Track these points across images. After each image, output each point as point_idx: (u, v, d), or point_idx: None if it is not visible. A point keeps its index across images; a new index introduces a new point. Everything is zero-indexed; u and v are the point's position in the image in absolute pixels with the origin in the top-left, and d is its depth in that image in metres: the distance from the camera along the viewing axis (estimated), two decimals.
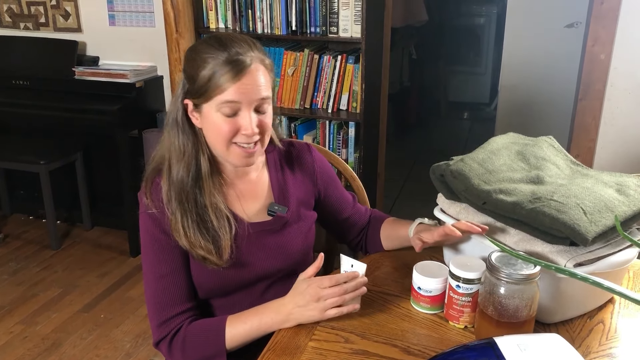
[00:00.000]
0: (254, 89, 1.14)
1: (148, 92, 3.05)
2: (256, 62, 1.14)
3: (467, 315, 1.14)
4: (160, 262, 1.21)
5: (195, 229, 1.18)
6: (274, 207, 1.29)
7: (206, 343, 1.18)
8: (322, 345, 1.11)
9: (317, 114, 2.77)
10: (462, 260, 1.14)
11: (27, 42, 3.19)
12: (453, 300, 1.14)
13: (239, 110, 1.14)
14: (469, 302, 1.12)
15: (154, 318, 1.22)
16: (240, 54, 1.13)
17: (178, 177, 1.19)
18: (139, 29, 3.10)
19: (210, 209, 1.20)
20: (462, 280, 1.11)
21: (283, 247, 1.29)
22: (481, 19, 5.60)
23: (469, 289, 1.11)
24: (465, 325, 1.15)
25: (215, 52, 1.13)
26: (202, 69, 1.13)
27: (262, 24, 2.80)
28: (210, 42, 1.16)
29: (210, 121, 1.16)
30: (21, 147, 3.22)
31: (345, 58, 2.70)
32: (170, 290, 1.21)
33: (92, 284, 2.88)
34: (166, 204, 1.19)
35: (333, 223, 1.45)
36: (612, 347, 1.09)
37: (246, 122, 1.14)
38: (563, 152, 1.39)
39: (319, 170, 1.38)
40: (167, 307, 1.21)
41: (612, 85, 2.45)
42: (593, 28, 2.42)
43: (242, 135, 1.16)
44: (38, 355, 2.36)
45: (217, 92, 1.13)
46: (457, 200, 1.27)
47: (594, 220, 1.08)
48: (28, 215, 3.58)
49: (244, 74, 1.12)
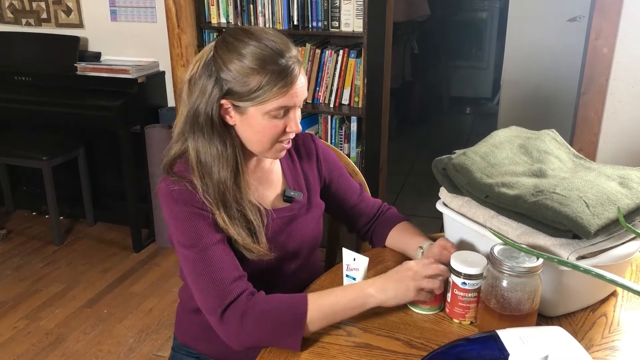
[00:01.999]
0: (303, 92, 1.17)
1: (150, 88, 3.05)
2: (298, 64, 1.16)
3: (473, 310, 1.13)
4: (203, 233, 1.14)
5: (238, 225, 1.17)
6: (290, 192, 1.30)
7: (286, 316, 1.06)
8: (324, 338, 1.11)
9: (319, 109, 2.77)
10: (463, 257, 1.14)
11: (28, 38, 3.18)
12: (458, 298, 1.13)
13: (288, 112, 1.17)
14: (474, 298, 1.12)
15: (211, 288, 1.10)
16: (287, 59, 1.13)
17: (220, 178, 1.16)
18: (140, 25, 3.10)
19: (247, 203, 1.20)
20: (464, 276, 1.10)
21: (300, 230, 1.31)
22: (483, 14, 5.58)
23: (474, 285, 1.11)
24: (472, 321, 1.14)
25: (263, 56, 1.11)
26: (253, 74, 1.11)
27: (264, 18, 2.79)
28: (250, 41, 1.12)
29: (257, 123, 1.16)
30: (23, 143, 3.22)
31: (347, 52, 2.69)
32: (221, 258, 1.13)
33: (95, 280, 2.89)
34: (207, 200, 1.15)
35: (340, 210, 1.46)
36: (615, 340, 1.09)
37: (294, 122, 1.18)
38: (566, 146, 1.38)
39: (323, 158, 1.40)
40: (224, 273, 1.11)
41: (615, 79, 2.44)
42: (596, 21, 2.41)
43: (288, 134, 1.19)
44: (42, 350, 2.37)
45: (270, 100, 1.13)
46: (460, 194, 1.26)
47: (597, 213, 1.08)
48: (31, 211, 3.59)
49: (299, 76, 1.15)
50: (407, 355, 1.06)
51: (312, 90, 2.79)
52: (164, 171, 1.22)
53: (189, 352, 1.37)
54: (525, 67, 3.86)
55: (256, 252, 1.19)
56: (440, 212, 1.31)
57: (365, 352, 1.07)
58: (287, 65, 1.12)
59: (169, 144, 1.25)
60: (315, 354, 1.07)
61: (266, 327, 1.07)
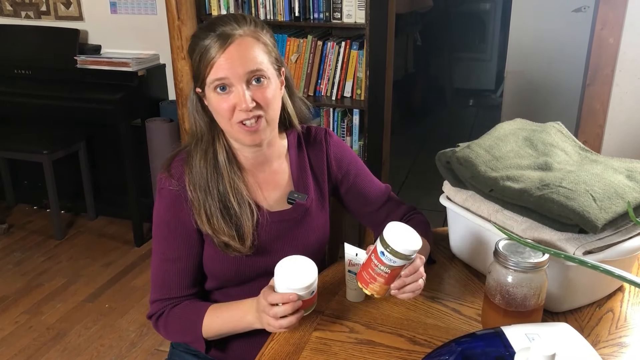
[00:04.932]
0: (242, 61, 1.11)
1: (150, 81, 3.03)
2: (245, 36, 1.12)
3: (378, 285, 1.06)
4: (169, 246, 1.21)
5: (218, 215, 1.17)
6: (294, 195, 1.26)
7: (185, 329, 1.21)
8: (326, 335, 1.09)
9: (321, 102, 2.75)
10: (400, 231, 1.05)
11: (28, 31, 3.16)
12: (371, 265, 1.05)
13: (232, 87, 1.12)
14: (385, 274, 1.04)
15: (151, 293, 1.24)
16: (225, 29, 1.12)
17: (198, 162, 1.19)
18: (140, 17, 3.08)
19: (232, 195, 1.18)
20: (390, 250, 1.02)
21: (301, 237, 1.27)
22: (487, 4, 5.54)
23: (392, 262, 1.03)
24: (373, 293, 1.07)
25: (204, 34, 1.13)
26: (193, 52, 1.15)
27: (265, 10, 2.76)
28: (200, 26, 1.18)
29: (211, 103, 1.16)
30: (24, 137, 3.21)
31: (349, 44, 2.66)
32: (172, 275, 1.21)
33: (96, 274, 2.88)
34: (188, 190, 1.18)
35: (358, 214, 1.38)
36: (622, 336, 1.07)
37: (238, 96, 1.12)
38: (571, 138, 1.36)
39: (334, 156, 1.32)
40: (164, 288, 1.22)
41: (620, 70, 2.41)
42: (602, 11, 2.38)
43: (240, 112, 1.13)
44: (43, 345, 2.37)
45: (207, 72, 1.12)
46: (464, 187, 1.24)
47: (604, 207, 1.06)
48: (32, 206, 3.58)
49: (227, 47, 1.10)
50: (411, 352, 1.04)
51: (313, 82, 2.77)
52: (163, 165, 1.23)
53: (187, 350, 1.36)
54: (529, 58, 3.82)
55: (234, 248, 1.18)
56: (444, 206, 1.29)
57: (368, 349, 1.05)
58: (222, 33, 1.11)
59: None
60: (317, 350, 1.05)
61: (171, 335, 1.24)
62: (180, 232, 1.20)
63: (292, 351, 1.06)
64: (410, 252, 1.02)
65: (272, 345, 1.08)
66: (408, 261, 1.04)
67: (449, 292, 1.22)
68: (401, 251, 1.02)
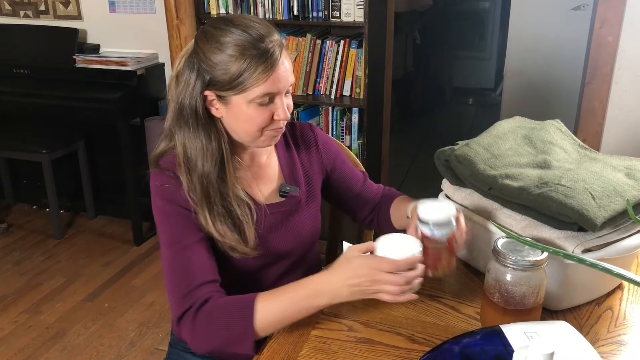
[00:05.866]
0: (287, 76, 1.13)
1: (149, 80, 3.03)
2: (280, 48, 1.12)
3: (445, 260, 1.09)
4: (181, 233, 1.14)
5: (222, 221, 1.15)
6: (285, 187, 1.28)
7: (233, 320, 1.05)
8: (325, 333, 1.09)
9: (320, 100, 2.74)
10: (430, 205, 1.09)
11: (27, 30, 3.16)
12: (429, 249, 1.07)
13: (274, 98, 1.13)
14: (444, 245, 1.07)
15: (175, 290, 1.11)
16: (267, 43, 1.09)
17: (204, 171, 1.14)
18: (139, 16, 3.07)
19: (233, 199, 1.18)
20: (433, 224, 1.06)
21: (296, 228, 1.28)
22: (486, 3, 5.54)
23: (443, 234, 1.06)
24: (445, 272, 1.10)
25: (242, 42, 1.08)
26: (232, 62, 1.08)
27: (264, 8, 2.76)
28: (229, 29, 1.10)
29: (242, 112, 1.13)
30: (23, 136, 3.20)
31: (348, 43, 2.66)
32: (196, 260, 1.12)
33: (95, 273, 2.88)
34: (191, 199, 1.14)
35: (344, 200, 1.44)
36: (621, 334, 1.07)
37: (281, 109, 1.14)
38: (570, 136, 1.36)
39: (323, 148, 1.37)
40: (192, 276, 1.10)
41: (619, 68, 2.41)
42: (600, 10, 2.37)
43: (275, 121, 1.15)
44: (42, 345, 2.36)
45: (252, 86, 1.09)
46: (463, 185, 1.24)
47: (603, 205, 1.06)
48: (31, 205, 3.58)
49: (279, 61, 1.10)
50: (410, 350, 1.04)
51: (312, 81, 2.77)
52: (151, 165, 1.21)
53: (185, 349, 1.36)
54: (528, 57, 3.81)
55: (240, 251, 1.17)
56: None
57: (367, 347, 1.05)
58: (266, 49, 1.08)
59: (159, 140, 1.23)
60: (316, 349, 1.05)
61: (214, 331, 1.06)
62: (188, 218, 1.14)
63: (291, 350, 1.06)
64: (450, 215, 1.07)
65: (271, 344, 1.08)
66: (454, 224, 1.07)
67: (448, 290, 1.22)
68: (444, 219, 1.06)
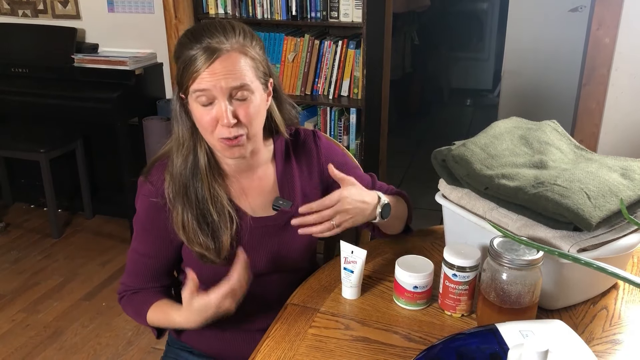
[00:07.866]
0: (225, 76, 1.09)
1: (148, 80, 3.03)
2: (232, 50, 1.09)
3: (464, 303, 1.12)
4: (141, 242, 1.26)
5: (194, 223, 1.16)
6: (279, 201, 1.25)
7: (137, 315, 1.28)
8: (322, 332, 1.10)
9: (318, 101, 2.75)
10: (456, 248, 1.12)
11: (25, 30, 3.16)
12: (449, 290, 1.12)
13: (214, 100, 1.10)
14: (465, 291, 1.11)
15: (123, 274, 1.31)
16: (211, 42, 1.09)
17: (178, 168, 1.17)
18: (138, 16, 3.07)
19: (211, 203, 1.17)
20: (457, 268, 1.09)
21: (285, 244, 1.25)
22: (484, 4, 5.55)
23: (465, 277, 1.10)
24: (463, 314, 1.13)
25: (190, 44, 1.10)
26: (178, 59, 1.13)
27: (262, 9, 2.77)
28: (187, 32, 1.14)
29: (194, 112, 1.14)
30: (21, 136, 3.20)
31: (346, 43, 2.67)
32: (140, 267, 1.26)
33: (93, 273, 2.88)
34: (167, 196, 1.18)
35: None
36: (616, 334, 1.08)
37: (220, 111, 1.10)
38: (567, 137, 1.37)
39: (326, 160, 1.29)
40: (131, 276, 1.29)
41: (616, 70, 2.42)
42: (598, 11, 2.38)
43: (222, 128, 1.11)
44: (40, 344, 2.36)
45: (190, 81, 1.10)
46: (459, 185, 1.25)
47: (598, 204, 1.07)
48: (29, 204, 3.58)
49: (212, 62, 1.08)
50: (406, 349, 1.04)
51: (310, 81, 2.77)
52: (143, 171, 1.25)
53: (182, 347, 1.36)
54: (526, 58, 3.83)
55: (209, 258, 1.18)
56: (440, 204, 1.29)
57: (364, 346, 1.06)
58: (209, 46, 1.08)
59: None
60: (313, 347, 1.06)
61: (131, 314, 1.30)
62: (154, 235, 1.23)
63: (287, 348, 1.06)
64: (476, 261, 1.09)
65: (268, 342, 1.08)
66: (478, 270, 1.08)
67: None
68: (468, 265, 1.09)
